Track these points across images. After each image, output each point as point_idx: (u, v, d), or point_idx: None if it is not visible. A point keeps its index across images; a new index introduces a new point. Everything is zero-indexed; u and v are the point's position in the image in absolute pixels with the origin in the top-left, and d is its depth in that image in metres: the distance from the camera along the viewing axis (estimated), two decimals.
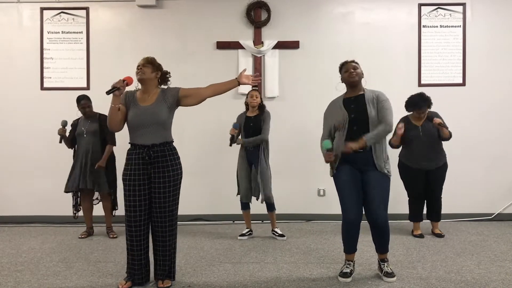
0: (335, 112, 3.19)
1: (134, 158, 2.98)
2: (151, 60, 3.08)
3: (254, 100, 4.34)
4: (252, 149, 4.32)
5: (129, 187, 2.97)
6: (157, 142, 2.96)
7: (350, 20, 5.35)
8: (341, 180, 3.14)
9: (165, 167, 2.97)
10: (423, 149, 4.27)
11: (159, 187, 2.96)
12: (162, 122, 2.98)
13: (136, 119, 2.97)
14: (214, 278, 3.22)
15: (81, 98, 4.51)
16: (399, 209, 4.65)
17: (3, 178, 5.32)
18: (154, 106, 2.99)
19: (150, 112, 2.96)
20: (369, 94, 3.14)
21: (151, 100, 3.02)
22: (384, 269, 3.17)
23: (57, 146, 4.88)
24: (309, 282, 3.12)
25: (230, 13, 5.33)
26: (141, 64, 3.05)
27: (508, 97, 5.27)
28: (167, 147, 3.01)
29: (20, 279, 3.24)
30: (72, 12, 5.35)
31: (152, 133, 2.95)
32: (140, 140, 2.96)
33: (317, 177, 5.24)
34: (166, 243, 3.02)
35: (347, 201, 3.10)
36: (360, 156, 3.05)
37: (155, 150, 2.95)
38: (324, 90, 5.27)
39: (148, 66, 3.04)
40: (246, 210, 4.46)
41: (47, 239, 4.49)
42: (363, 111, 3.07)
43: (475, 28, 5.28)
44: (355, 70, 3.15)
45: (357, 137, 3.01)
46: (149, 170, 2.97)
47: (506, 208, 5.27)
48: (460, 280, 3.15)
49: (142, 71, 3.01)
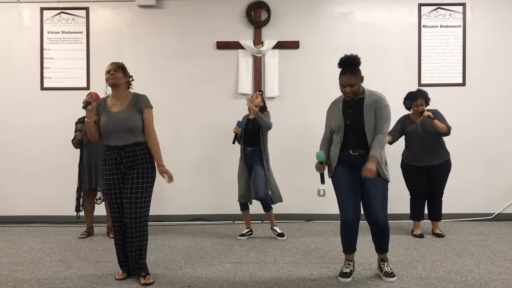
0: (334, 114, 3.18)
1: (108, 159, 3.11)
2: (121, 65, 3.20)
3: (253, 100, 4.34)
4: (250, 152, 4.31)
5: (107, 186, 3.14)
6: (128, 143, 3.07)
7: (350, 20, 5.35)
8: (339, 181, 3.15)
9: (135, 166, 3.07)
10: (422, 145, 4.30)
11: (129, 183, 3.06)
12: (132, 127, 3.07)
13: (107, 125, 3.08)
14: (214, 278, 3.22)
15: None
16: (399, 209, 4.65)
17: (3, 178, 5.32)
18: (125, 112, 3.09)
19: (121, 118, 3.06)
20: (369, 99, 3.05)
21: (122, 106, 3.12)
22: (384, 269, 3.17)
23: (57, 146, 4.90)
24: (309, 282, 3.12)
25: (230, 13, 5.33)
26: (112, 69, 3.14)
27: (508, 97, 5.27)
28: (138, 147, 3.10)
29: (20, 279, 3.23)
30: (72, 12, 5.35)
31: (124, 136, 3.06)
32: (113, 142, 3.09)
33: (317, 177, 5.18)
34: (133, 239, 3.07)
35: (344, 202, 3.10)
36: (358, 160, 3.04)
37: (126, 151, 3.06)
38: (324, 90, 5.28)
39: (119, 71, 3.15)
40: (245, 210, 4.46)
41: (47, 239, 4.49)
42: (359, 117, 3.04)
43: (475, 28, 5.28)
44: (351, 88, 3.02)
45: (354, 140, 3.03)
46: (121, 170, 3.08)
47: (506, 208, 5.27)
48: (460, 280, 3.15)
49: (114, 76, 3.12)
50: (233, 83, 5.32)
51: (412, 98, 4.35)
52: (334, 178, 3.19)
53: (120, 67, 3.16)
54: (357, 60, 3.04)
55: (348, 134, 3.07)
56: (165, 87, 5.26)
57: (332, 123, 3.17)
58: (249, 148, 4.32)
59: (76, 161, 4.56)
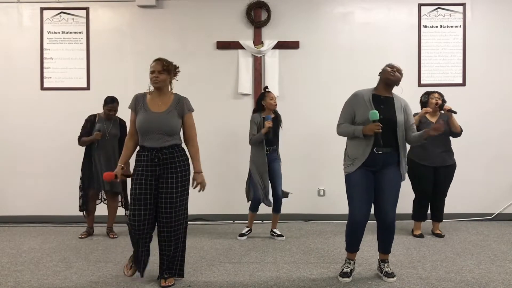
0: (361, 106, 3.10)
1: (144, 160, 2.99)
2: (167, 66, 3.02)
3: (275, 102, 4.36)
4: (270, 151, 4.31)
5: (137, 186, 2.98)
6: (166, 145, 2.98)
7: (350, 20, 5.35)
8: (354, 180, 3.09)
9: (173, 168, 3.00)
10: (436, 145, 4.26)
11: (167, 187, 2.98)
12: (172, 129, 3.00)
13: (146, 124, 2.97)
14: (214, 278, 3.22)
15: (108, 100, 4.41)
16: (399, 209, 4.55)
17: (3, 178, 5.32)
18: (165, 113, 3.00)
19: (161, 119, 2.97)
20: (398, 101, 3.16)
21: (163, 107, 3.02)
22: (384, 269, 3.18)
23: (57, 146, 4.90)
24: (309, 282, 3.12)
25: (230, 13, 5.32)
26: (156, 70, 2.98)
27: (508, 97, 5.27)
28: (175, 149, 3.03)
29: (20, 279, 3.23)
30: (72, 12, 5.35)
31: (162, 138, 2.98)
32: (150, 143, 2.98)
33: (317, 177, 5.24)
34: (171, 243, 3.03)
35: (357, 202, 3.08)
36: (381, 157, 3.05)
37: (164, 153, 2.98)
38: (324, 90, 5.29)
39: (164, 73, 3.00)
40: (255, 211, 4.42)
41: (47, 239, 4.49)
42: (392, 115, 3.07)
43: (475, 28, 5.28)
44: (399, 72, 3.15)
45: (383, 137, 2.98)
46: (157, 172, 2.99)
47: (506, 208, 5.27)
48: (460, 280, 3.15)
49: (158, 80, 2.99)
50: (233, 83, 5.32)
51: (429, 92, 4.41)
52: (351, 176, 3.11)
53: (165, 69, 3.00)
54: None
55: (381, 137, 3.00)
56: None
57: (359, 115, 3.08)
58: (269, 148, 4.31)
59: (77, 161, 4.55)
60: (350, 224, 3.15)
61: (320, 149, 5.12)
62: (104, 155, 4.40)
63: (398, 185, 3.13)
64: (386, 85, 3.15)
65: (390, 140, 3.05)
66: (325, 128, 4.87)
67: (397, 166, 3.12)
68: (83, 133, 4.45)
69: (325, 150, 5.17)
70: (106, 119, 4.46)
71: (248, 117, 4.46)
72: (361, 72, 4.84)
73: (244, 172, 4.51)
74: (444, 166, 4.33)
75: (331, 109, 4.20)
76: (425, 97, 4.43)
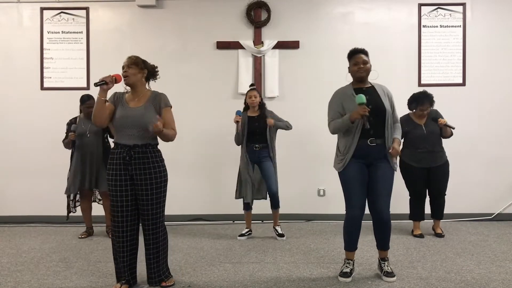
0: (348, 100, 3.09)
1: (116, 158, 2.94)
2: (135, 60, 2.99)
3: (253, 100, 4.35)
4: (258, 149, 4.31)
5: (111, 187, 2.95)
6: (139, 143, 2.92)
7: (350, 20, 5.35)
8: (349, 176, 3.09)
9: (146, 169, 2.92)
10: (426, 147, 4.30)
11: (142, 189, 2.92)
12: (147, 125, 2.89)
13: (122, 119, 2.93)
14: (214, 278, 3.22)
15: (85, 98, 4.47)
16: (399, 209, 4.63)
17: (3, 178, 5.32)
18: (142, 108, 2.95)
19: (137, 114, 2.92)
20: (379, 88, 3.15)
21: (140, 102, 2.98)
22: (384, 268, 3.17)
23: (57, 146, 4.88)
24: (309, 282, 3.12)
25: (230, 13, 5.33)
26: (125, 65, 2.97)
27: (508, 97, 5.27)
28: (149, 148, 2.95)
29: (20, 279, 3.24)
30: (72, 12, 5.35)
31: (136, 134, 2.92)
32: (123, 140, 2.93)
33: (317, 177, 5.24)
34: (150, 246, 2.98)
35: (353, 197, 3.08)
36: (374, 150, 3.05)
37: (136, 151, 2.91)
38: (324, 90, 5.27)
39: (133, 67, 2.97)
40: (248, 210, 4.45)
41: (47, 239, 4.49)
42: (380, 103, 3.05)
43: (475, 28, 5.28)
44: (364, 65, 3.09)
45: (374, 128, 2.98)
46: (130, 171, 2.92)
47: (506, 208, 5.27)
48: (460, 280, 3.14)
49: (126, 74, 2.95)
50: (233, 83, 5.33)
51: (418, 101, 4.32)
52: (345, 172, 3.11)
53: (133, 63, 2.96)
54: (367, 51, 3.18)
55: (368, 121, 2.98)
56: (165, 87, 5.23)
57: (347, 109, 3.06)
58: (258, 145, 4.32)
59: None
60: (347, 220, 3.15)
61: (320, 149, 5.11)
62: (90, 155, 4.40)
63: (391, 179, 3.11)
64: (358, 80, 3.15)
65: (380, 131, 3.04)
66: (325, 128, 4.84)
67: (388, 159, 3.10)
68: (65, 136, 4.51)
69: (325, 150, 5.14)
70: (86, 117, 4.47)
71: None
72: None
73: None
74: (435, 166, 4.33)
75: None
76: (414, 106, 4.37)
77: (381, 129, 3.05)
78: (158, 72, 3.17)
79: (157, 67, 3.17)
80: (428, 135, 4.31)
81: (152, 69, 3.12)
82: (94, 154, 4.41)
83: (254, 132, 4.32)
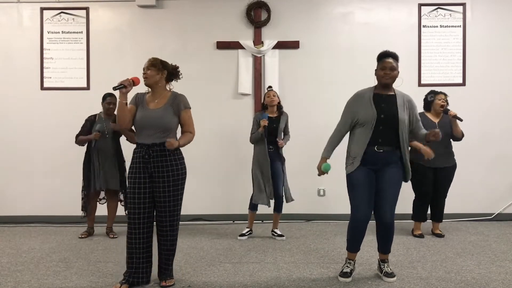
0: (363, 106, 3.06)
1: (136, 157, 3.02)
2: (153, 62, 3.04)
3: (273, 99, 4.34)
4: (272, 150, 4.30)
5: (131, 185, 3.01)
6: (157, 142, 2.97)
7: (350, 20, 5.35)
8: (357, 179, 3.07)
9: (164, 167, 2.98)
10: (438, 146, 4.23)
11: (159, 186, 2.98)
12: (166, 126, 2.99)
13: (141, 120, 3.00)
14: (214, 278, 3.22)
15: (107, 95, 4.46)
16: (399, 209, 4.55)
17: (3, 178, 5.32)
18: (161, 110, 3.01)
19: (156, 115, 2.98)
20: (400, 97, 3.10)
21: (159, 103, 3.04)
22: (384, 269, 3.17)
23: (57, 146, 4.90)
24: (309, 282, 3.12)
25: (230, 13, 5.33)
26: (145, 67, 3.04)
27: (508, 97, 5.27)
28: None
29: (20, 279, 3.23)
30: (72, 12, 5.35)
31: (155, 134, 2.98)
32: (142, 140, 3.00)
33: (317, 177, 5.18)
34: (167, 243, 3.04)
35: (359, 200, 3.07)
36: (381, 156, 3.04)
37: (154, 149, 2.97)
38: (324, 90, 5.29)
39: (152, 69, 3.02)
40: (254, 211, 4.44)
41: (47, 239, 4.49)
42: (394, 113, 3.02)
43: (475, 28, 5.28)
44: (392, 71, 3.04)
45: (381, 136, 2.99)
46: (149, 169, 2.98)
47: (506, 208, 5.27)
48: (460, 280, 3.15)
49: (146, 75, 3.02)
50: (233, 83, 5.33)
51: (435, 92, 4.38)
52: (353, 175, 3.09)
53: (152, 65, 3.01)
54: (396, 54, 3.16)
55: (378, 129, 2.99)
56: None
57: (360, 115, 3.04)
58: (272, 146, 4.31)
59: (77, 161, 4.55)
60: (352, 223, 3.14)
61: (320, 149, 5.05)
62: (103, 154, 4.39)
63: (398, 185, 3.11)
64: (383, 86, 3.12)
65: (392, 138, 3.03)
66: (325, 128, 4.85)
67: (399, 165, 3.09)
68: (81, 132, 4.45)
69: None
70: (106, 115, 4.46)
71: (248, 117, 4.47)
72: (361, 72, 4.80)
73: (244, 172, 4.51)
74: (444, 167, 4.33)
75: (331, 109, 4.22)
76: (432, 97, 4.39)
77: (393, 137, 3.03)
78: (179, 72, 3.22)
79: (178, 67, 3.21)
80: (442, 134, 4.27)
81: (173, 70, 3.17)
82: (109, 153, 4.40)
83: (271, 133, 4.29)
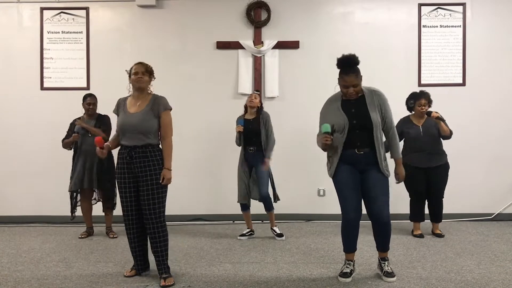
0: (333, 113, 3.10)
1: (120, 158, 3.17)
2: (148, 68, 3.20)
3: (252, 101, 4.34)
4: (252, 151, 4.31)
5: (118, 185, 3.20)
6: (139, 144, 3.08)
7: (350, 20, 5.35)
8: (341, 180, 3.12)
9: (147, 167, 3.07)
10: (423, 148, 4.30)
11: (143, 185, 3.08)
12: (146, 130, 3.09)
13: (122, 125, 3.14)
14: (214, 278, 3.22)
15: (87, 95, 4.53)
16: (399, 209, 4.64)
17: (3, 178, 5.32)
18: (140, 114, 3.11)
19: (135, 120, 3.09)
20: (369, 96, 3.06)
21: (140, 107, 3.14)
22: (385, 268, 3.17)
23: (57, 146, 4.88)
24: (309, 282, 3.12)
25: (230, 13, 5.33)
26: (140, 72, 3.15)
27: (508, 97, 5.27)
28: (149, 148, 3.09)
29: (20, 279, 3.23)
30: (72, 12, 5.35)
31: (136, 136, 3.09)
32: (125, 142, 3.14)
33: (317, 177, 5.23)
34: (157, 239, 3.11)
35: (347, 201, 3.09)
36: (362, 157, 3.05)
37: (136, 151, 3.08)
38: (324, 90, 5.26)
39: (146, 75, 3.18)
40: (245, 211, 4.46)
41: (47, 239, 4.49)
42: (365, 116, 3.01)
43: (475, 28, 5.28)
44: (355, 88, 3.00)
45: (359, 139, 3.01)
46: (133, 169, 3.09)
47: (506, 208, 5.27)
48: (460, 280, 3.14)
49: (142, 80, 3.15)
50: (233, 83, 5.33)
51: (416, 97, 4.37)
52: (336, 177, 3.14)
53: (148, 71, 3.18)
54: (357, 59, 3.03)
55: (354, 133, 3.02)
56: (165, 87, 5.23)
57: (334, 123, 3.06)
58: (252, 148, 4.32)
59: None
60: (344, 223, 3.15)
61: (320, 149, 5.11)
62: (89, 153, 4.39)
63: (384, 181, 3.07)
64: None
65: (367, 141, 3.03)
66: None
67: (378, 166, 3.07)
68: (67, 135, 4.52)
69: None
70: (88, 116, 4.50)
71: None
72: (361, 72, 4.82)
73: None
74: (434, 166, 4.33)
75: None
76: (412, 103, 4.41)
77: (368, 139, 3.03)
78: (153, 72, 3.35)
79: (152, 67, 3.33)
80: (425, 136, 4.31)
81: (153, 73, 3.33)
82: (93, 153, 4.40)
83: (249, 134, 4.31)
